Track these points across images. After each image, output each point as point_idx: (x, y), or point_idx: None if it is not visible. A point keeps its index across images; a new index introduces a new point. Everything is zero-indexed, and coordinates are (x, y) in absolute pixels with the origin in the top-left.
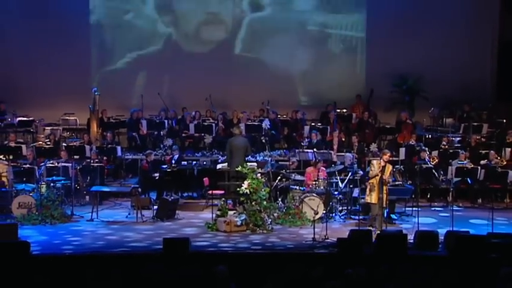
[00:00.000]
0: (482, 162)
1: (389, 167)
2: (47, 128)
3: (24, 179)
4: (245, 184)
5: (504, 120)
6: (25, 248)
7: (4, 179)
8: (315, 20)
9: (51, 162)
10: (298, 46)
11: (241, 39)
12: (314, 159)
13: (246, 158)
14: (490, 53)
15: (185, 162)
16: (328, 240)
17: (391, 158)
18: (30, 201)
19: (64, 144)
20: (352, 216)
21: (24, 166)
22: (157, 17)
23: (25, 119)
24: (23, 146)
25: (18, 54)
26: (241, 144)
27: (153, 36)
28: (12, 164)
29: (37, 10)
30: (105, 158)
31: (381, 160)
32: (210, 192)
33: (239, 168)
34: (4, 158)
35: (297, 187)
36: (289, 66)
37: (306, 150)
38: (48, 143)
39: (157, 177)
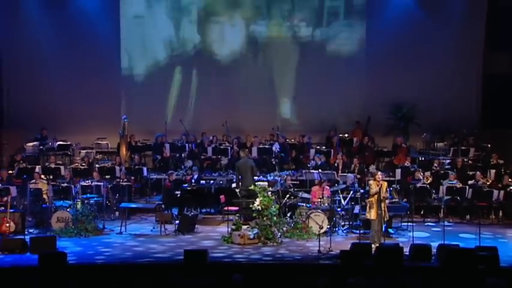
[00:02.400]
0: (470, 182)
1: (384, 183)
2: (82, 151)
3: (62, 196)
4: (257, 201)
5: (489, 145)
6: (62, 258)
7: (45, 196)
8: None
9: (85, 181)
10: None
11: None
12: (319, 179)
13: (254, 178)
14: (475, 84)
15: (204, 182)
16: (332, 252)
17: (384, 177)
18: (67, 216)
19: (97, 165)
20: (354, 231)
21: (62, 185)
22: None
23: (63, 143)
24: (62, 167)
25: (59, 86)
26: (247, 164)
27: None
28: (52, 183)
29: (75, 47)
30: (132, 177)
31: (376, 180)
32: (226, 208)
33: (252, 187)
34: (45, 178)
35: (304, 204)
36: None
37: (311, 171)
38: (83, 164)
39: (178, 195)
